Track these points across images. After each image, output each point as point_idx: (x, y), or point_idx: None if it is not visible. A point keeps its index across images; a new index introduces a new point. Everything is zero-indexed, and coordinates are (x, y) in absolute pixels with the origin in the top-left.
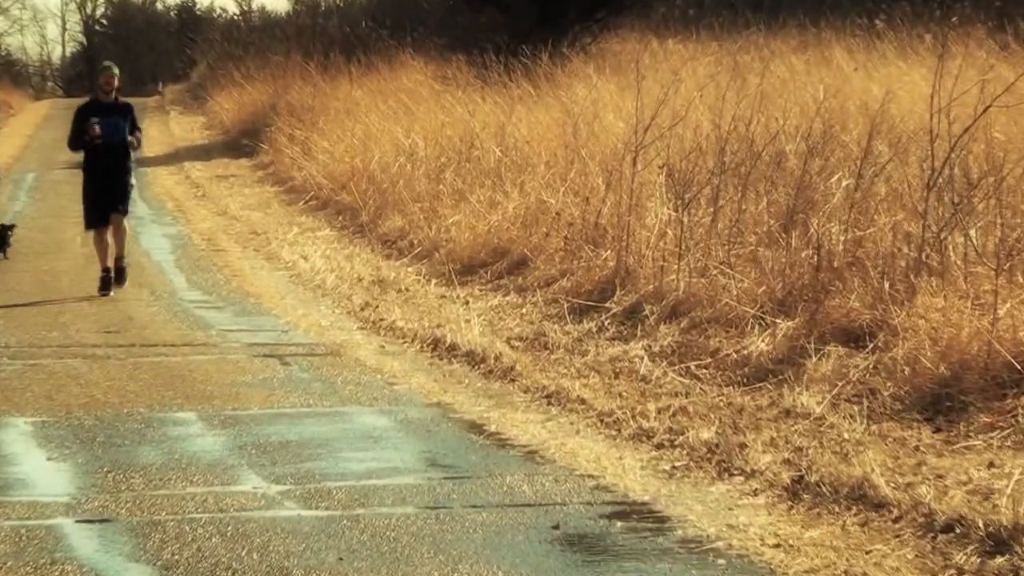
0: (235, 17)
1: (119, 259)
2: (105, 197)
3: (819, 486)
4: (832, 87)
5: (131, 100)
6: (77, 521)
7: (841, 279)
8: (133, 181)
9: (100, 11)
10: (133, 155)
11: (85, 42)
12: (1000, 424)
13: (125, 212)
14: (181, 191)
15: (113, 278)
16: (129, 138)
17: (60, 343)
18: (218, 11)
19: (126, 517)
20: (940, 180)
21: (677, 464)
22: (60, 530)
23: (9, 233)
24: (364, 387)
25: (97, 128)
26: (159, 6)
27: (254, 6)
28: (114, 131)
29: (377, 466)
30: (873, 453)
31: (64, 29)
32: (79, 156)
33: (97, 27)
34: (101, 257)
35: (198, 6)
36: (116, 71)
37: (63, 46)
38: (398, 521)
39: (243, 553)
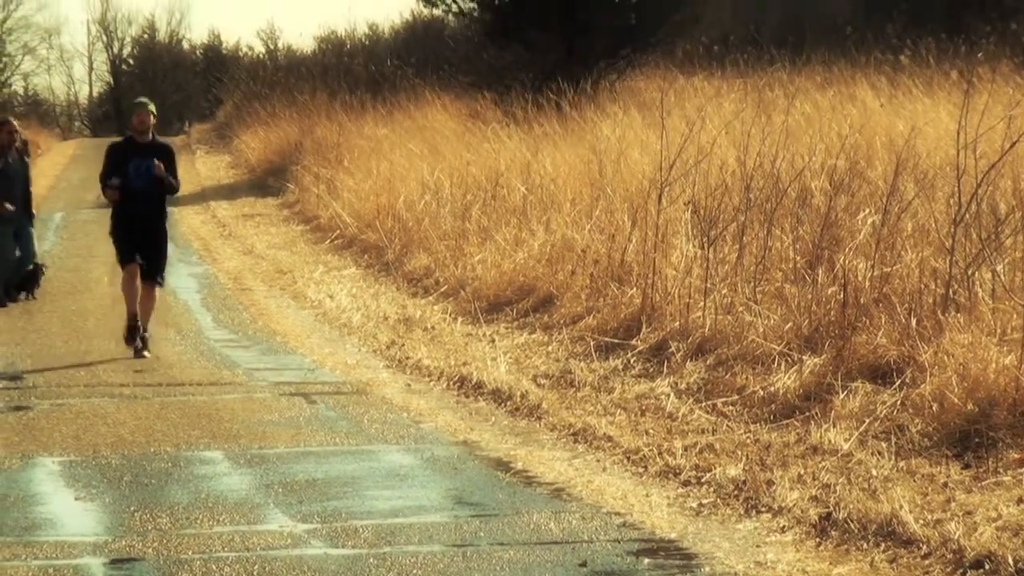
0: (261, 56)
1: (144, 329)
2: (140, 242)
3: (847, 523)
4: (857, 123)
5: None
6: (105, 561)
7: (868, 315)
8: (168, 226)
9: (127, 51)
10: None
11: (112, 82)
12: None
13: (160, 282)
14: (207, 230)
15: (138, 341)
16: (167, 180)
17: (87, 383)
18: (244, 50)
19: (153, 556)
20: (967, 216)
21: (704, 501)
22: (88, 570)
23: (40, 273)
24: (390, 425)
25: (113, 193)
26: (185, 45)
27: (280, 45)
28: (146, 176)
29: (404, 504)
30: (901, 489)
31: (91, 69)
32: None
33: (124, 67)
34: (129, 302)
35: (224, 45)
36: (152, 107)
37: (90, 86)
38: (425, 559)
39: None
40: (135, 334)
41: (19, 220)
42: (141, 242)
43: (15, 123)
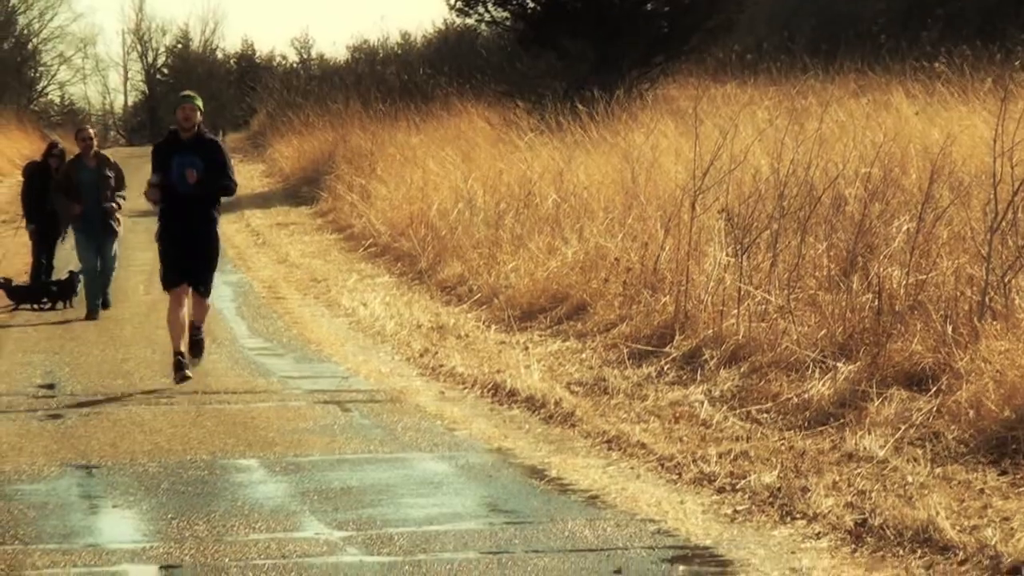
0: (294, 65)
1: (196, 330)
2: (187, 256)
3: (883, 529)
4: (892, 131)
5: None
6: (142, 568)
7: (903, 322)
8: (219, 231)
9: (161, 60)
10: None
11: (147, 91)
12: None
13: (206, 293)
14: (242, 239)
15: (188, 352)
16: (191, 181)
17: (124, 391)
18: (277, 60)
19: (190, 564)
20: (1003, 223)
21: (739, 508)
22: None
23: (77, 282)
24: (424, 433)
25: (195, 173)
26: (219, 55)
27: (313, 54)
28: (191, 170)
29: (438, 512)
30: (938, 496)
31: (126, 79)
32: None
33: (158, 76)
34: (174, 336)
35: (258, 55)
36: (198, 102)
37: (125, 95)
38: (460, 566)
39: None
40: (183, 368)
41: (99, 227)
42: (188, 252)
43: (92, 131)
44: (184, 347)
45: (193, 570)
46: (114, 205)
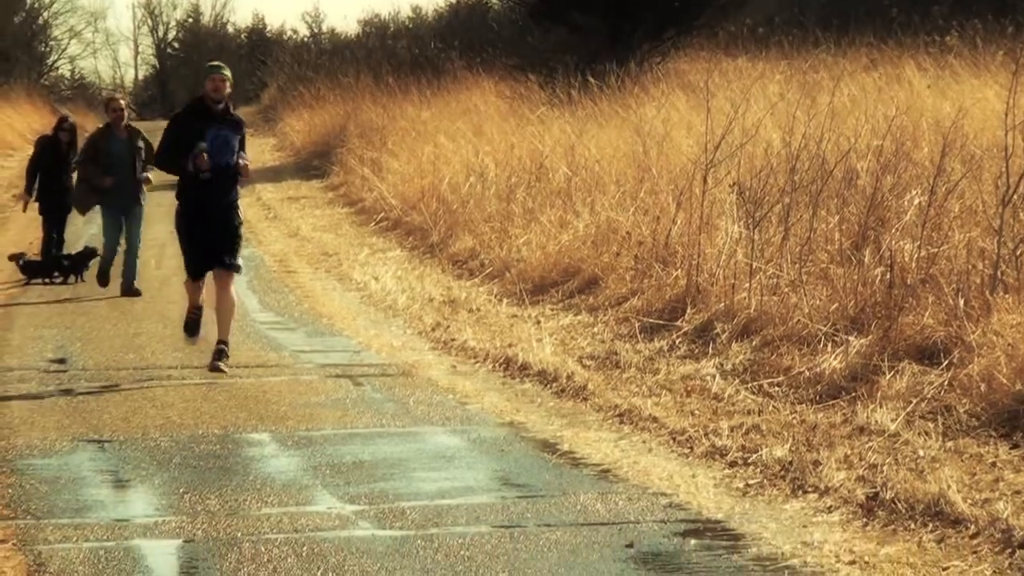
0: (305, 39)
1: (221, 340)
2: (208, 236)
3: (894, 503)
4: (904, 105)
5: None
6: (155, 543)
7: (914, 296)
8: (242, 217)
9: (172, 35)
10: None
11: (158, 65)
12: None
13: (235, 267)
14: (252, 213)
15: (212, 357)
16: (241, 161)
17: (136, 365)
18: (288, 33)
19: (203, 538)
20: (1016, 197)
21: (751, 482)
22: (138, 551)
23: (91, 257)
24: (436, 407)
25: (205, 156)
26: (230, 29)
27: (324, 28)
28: (223, 150)
29: (450, 486)
30: (949, 470)
31: (137, 53)
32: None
33: (169, 50)
34: (192, 295)
35: (269, 29)
36: (227, 72)
37: (136, 69)
38: (472, 540)
39: (318, 573)
40: (196, 327)
41: (127, 202)
42: (210, 231)
43: (123, 100)
44: (201, 302)
45: (205, 544)
46: (148, 176)
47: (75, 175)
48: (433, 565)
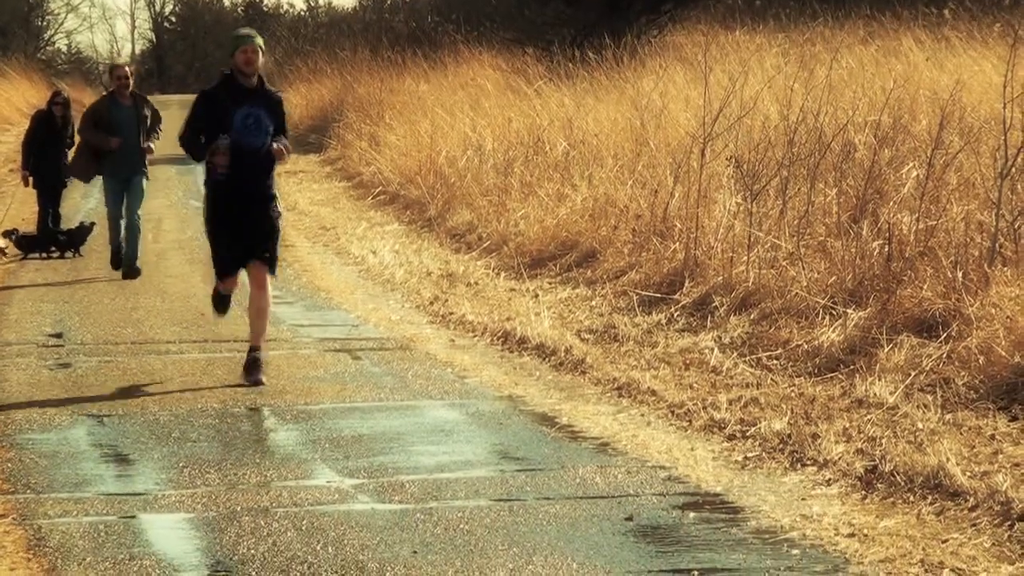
0: (302, 13)
1: (254, 348)
2: (240, 232)
3: (893, 475)
4: (901, 77)
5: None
6: (154, 517)
7: (913, 269)
8: (281, 208)
9: (169, 8)
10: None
11: (154, 39)
12: None
13: (272, 260)
14: None
15: (243, 370)
16: (277, 145)
17: (134, 339)
18: (285, 7)
19: (202, 512)
20: (1013, 169)
21: (749, 455)
22: (137, 525)
23: (88, 231)
24: (435, 381)
25: (225, 155)
26: (226, 3)
27: (321, 2)
28: (255, 131)
29: (449, 459)
30: (948, 442)
31: (133, 27)
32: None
33: (166, 24)
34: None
35: (265, 2)
36: (259, 41)
37: (132, 44)
38: (471, 514)
39: (318, 547)
40: (226, 301)
41: (131, 172)
42: (245, 230)
43: (128, 68)
44: (230, 290)
45: (205, 518)
46: (151, 145)
47: (74, 148)
48: (432, 538)
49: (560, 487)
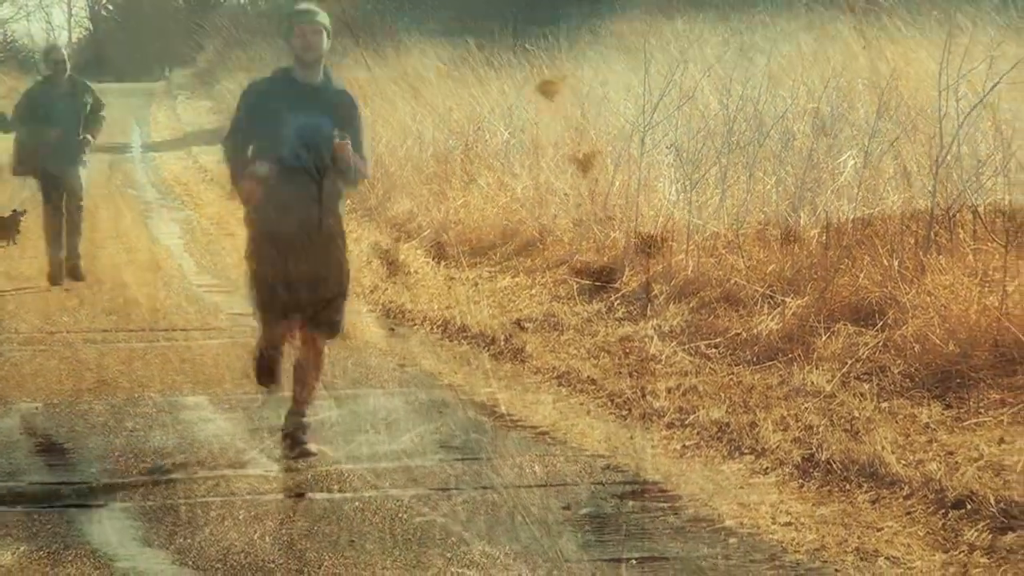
0: (242, 2)
1: (298, 410)
2: (295, 279)
3: (830, 464)
4: (840, 65)
5: (137, 86)
6: (89, 507)
7: (850, 257)
8: (348, 246)
9: None
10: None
11: (91, 28)
12: (1010, 400)
13: (332, 331)
14: (189, 176)
15: (283, 442)
16: (341, 161)
17: (70, 328)
18: None
19: (139, 502)
20: (948, 157)
21: (688, 443)
22: (72, 516)
23: (19, 220)
24: (374, 370)
25: (256, 188)
26: None
27: None
28: (314, 145)
29: (387, 448)
30: (883, 430)
31: (70, 15)
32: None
33: (103, 12)
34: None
35: None
36: (323, 19)
37: (69, 32)
38: (409, 503)
39: (255, 537)
40: (273, 370)
41: (67, 163)
42: (299, 271)
43: (65, 52)
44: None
45: (141, 508)
46: (89, 137)
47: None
48: (370, 528)
49: (498, 476)
